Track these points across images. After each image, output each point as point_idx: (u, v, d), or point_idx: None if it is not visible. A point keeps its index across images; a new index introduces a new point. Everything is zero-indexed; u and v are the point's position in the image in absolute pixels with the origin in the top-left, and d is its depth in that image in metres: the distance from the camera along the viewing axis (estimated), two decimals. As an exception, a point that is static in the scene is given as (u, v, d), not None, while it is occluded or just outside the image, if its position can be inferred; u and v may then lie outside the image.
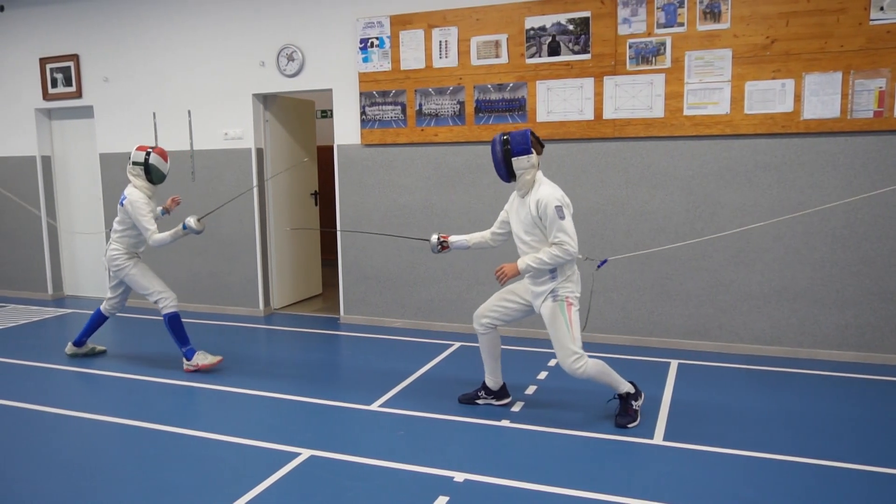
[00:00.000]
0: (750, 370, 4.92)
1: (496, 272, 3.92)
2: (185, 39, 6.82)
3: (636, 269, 5.51)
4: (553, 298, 3.86)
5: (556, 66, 5.51)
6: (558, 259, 3.71)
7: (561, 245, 3.70)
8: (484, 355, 4.22)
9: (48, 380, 5.01)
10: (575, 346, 3.82)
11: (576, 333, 3.84)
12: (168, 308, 5.08)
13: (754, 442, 3.68)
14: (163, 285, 5.14)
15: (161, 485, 3.31)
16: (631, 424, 3.90)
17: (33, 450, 3.76)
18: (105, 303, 5.38)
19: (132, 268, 5.13)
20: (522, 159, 3.77)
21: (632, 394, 3.96)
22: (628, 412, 3.94)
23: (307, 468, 3.45)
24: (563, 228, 3.69)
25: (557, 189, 3.81)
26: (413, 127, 5.99)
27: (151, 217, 4.97)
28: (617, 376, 3.95)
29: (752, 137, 5.11)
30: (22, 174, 7.73)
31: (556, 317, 3.84)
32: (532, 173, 3.80)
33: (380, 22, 5.98)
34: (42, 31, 7.41)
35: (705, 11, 5.07)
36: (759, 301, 5.23)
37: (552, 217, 3.69)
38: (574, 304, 3.86)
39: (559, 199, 3.73)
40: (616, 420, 3.93)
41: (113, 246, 5.15)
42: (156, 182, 5.10)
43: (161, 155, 5.08)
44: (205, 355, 5.11)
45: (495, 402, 4.27)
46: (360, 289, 6.43)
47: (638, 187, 5.44)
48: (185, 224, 4.92)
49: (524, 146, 3.77)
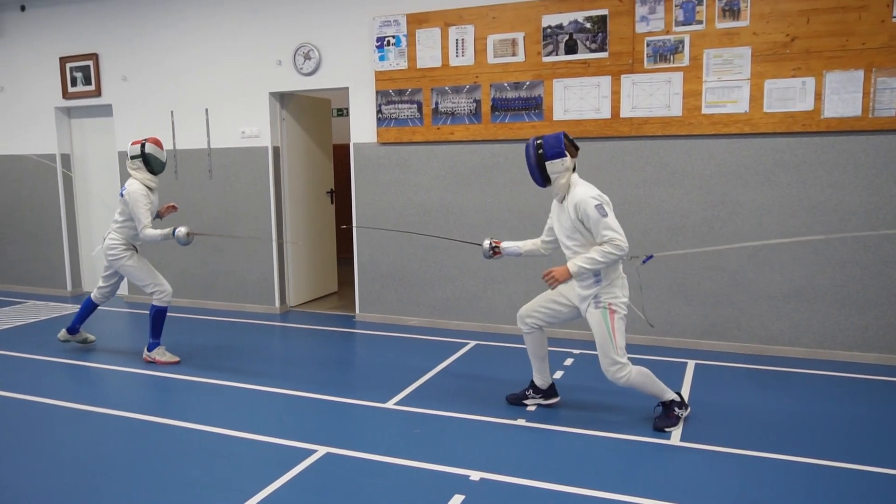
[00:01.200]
0: (768, 371, 4.88)
1: (545, 276, 3.75)
2: (202, 38, 6.86)
3: (653, 268, 5.46)
4: (596, 304, 3.76)
5: (573, 65, 5.48)
6: (611, 256, 3.57)
7: (611, 241, 3.57)
8: (531, 355, 4.15)
9: (66, 375, 5.06)
10: (617, 355, 3.73)
11: (619, 342, 3.73)
12: (161, 302, 5.19)
13: (772, 444, 3.64)
14: (160, 279, 5.23)
15: (178, 480, 3.34)
16: (669, 428, 3.82)
17: (49, 444, 3.80)
18: (96, 290, 5.45)
19: (129, 259, 5.19)
20: (556, 163, 3.70)
21: (676, 402, 3.89)
22: (670, 416, 3.86)
23: (323, 465, 3.46)
24: (609, 225, 3.58)
25: (593, 188, 3.73)
26: (429, 125, 5.99)
27: (148, 211, 5.02)
28: (661, 385, 3.86)
29: (772, 136, 5.06)
30: (42, 171, 7.81)
31: (599, 324, 3.74)
32: (567, 177, 3.72)
33: (396, 20, 5.98)
34: (62, 30, 7.48)
35: (724, 9, 5.03)
36: (778, 301, 5.18)
37: (595, 217, 3.59)
38: (618, 312, 3.74)
39: (597, 198, 3.64)
40: (655, 422, 3.86)
41: (112, 236, 5.21)
42: (156, 171, 5.15)
43: (156, 144, 5.14)
44: (163, 352, 5.26)
45: (544, 401, 4.21)
46: (376, 287, 6.44)
47: (655, 186, 5.40)
48: (174, 230, 4.99)
49: (558, 149, 3.69)
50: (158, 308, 5.20)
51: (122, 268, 5.22)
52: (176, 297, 7.31)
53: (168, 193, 7.18)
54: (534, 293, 5.83)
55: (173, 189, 7.16)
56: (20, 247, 8.15)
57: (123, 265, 5.20)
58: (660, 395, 3.87)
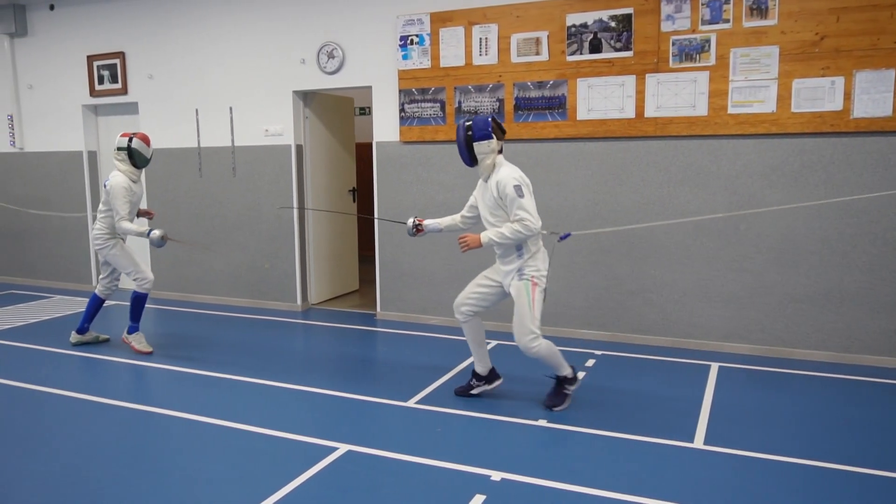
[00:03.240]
0: (793, 374, 4.81)
1: (459, 240, 4.03)
2: (226, 37, 6.91)
3: (676, 269, 5.42)
4: (519, 277, 3.99)
5: (598, 64, 5.45)
6: (519, 234, 3.83)
7: (522, 221, 3.82)
8: (469, 343, 4.33)
9: (90, 369, 5.13)
10: (533, 325, 3.95)
11: (536, 314, 3.96)
12: (142, 288, 5.38)
13: (797, 448, 3.59)
14: (141, 266, 5.43)
15: (201, 475, 3.37)
16: (558, 408, 4.08)
17: (76, 438, 3.86)
18: (99, 285, 5.62)
19: (112, 248, 5.39)
20: (483, 144, 3.92)
21: (569, 378, 4.12)
22: (559, 394, 4.12)
23: (344, 463, 3.47)
24: (523, 206, 3.82)
25: (516, 170, 3.95)
26: (452, 124, 5.98)
27: (127, 203, 5.20)
28: (562, 359, 4.10)
29: (799, 136, 4.99)
30: (69, 169, 7.93)
31: (520, 296, 3.98)
32: (492, 158, 3.95)
33: (420, 19, 5.98)
34: (90, 29, 7.58)
35: (752, 7, 4.96)
36: (803, 304, 5.11)
37: (511, 196, 3.83)
38: (539, 284, 3.99)
39: (517, 179, 3.86)
40: (546, 400, 4.12)
41: (97, 226, 5.41)
42: (139, 166, 5.32)
43: (143, 140, 5.31)
44: (140, 340, 5.46)
45: (488, 386, 4.37)
46: (397, 285, 6.45)
47: (680, 187, 5.35)
48: (150, 231, 5.15)
49: (485, 131, 3.92)
50: (139, 294, 5.41)
51: (107, 256, 5.44)
52: (199, 293, 7.41)
53: (192, 191, 7.27)
54: (554, 292, 5.81)
55: (197, 186, 7.23)
56: (47, 242, 8.28)
57: (108, 253, 5.42)
58: (558, 370, 4.11)
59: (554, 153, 5.71)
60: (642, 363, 5.13)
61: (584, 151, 5.61)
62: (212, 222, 7.24)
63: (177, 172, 7.34)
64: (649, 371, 4.95)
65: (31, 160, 8.21)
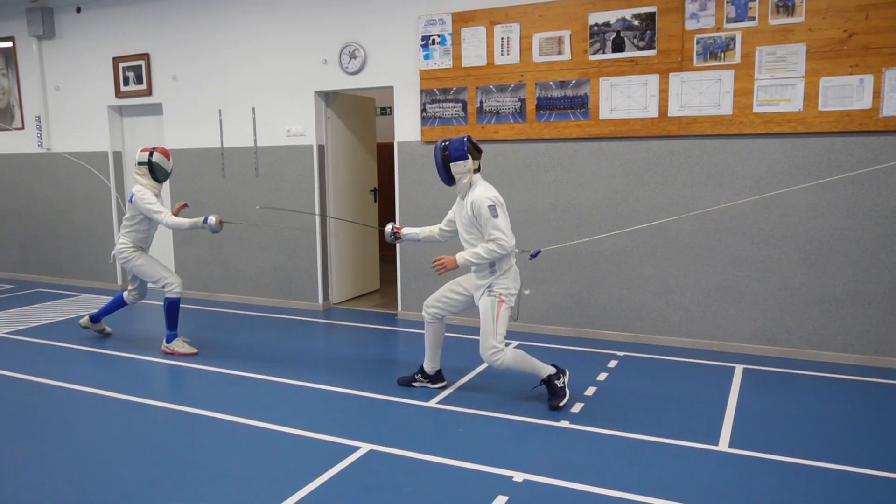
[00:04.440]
0: (820, 377, 4.74)
1: (434, 262, 4.17)
2: (249, 39, 6.97)
3: (700, 270, 5.37)
4: (489, 293, 4.11)
5: (621, 63, 5.41)
6: (494, 254, 3.96)
7: (496, 241, 3.95)
8: (427, 342, 4.47)
9: (116, 366, 5.19)
10: (496, 340, 4.06)
11: (500, 330, 4.08)
12: (172, 293, 5.41)
13: (824, 452, 3.54)
14: (169, 271, 5.50)
15: (224, 472, 3.39)
16: (562, 403, 4.10)
17: (103, 433, 3.91)
18: (126, 293, 5.74)
19: (138, 259, 5.46)
20: (459, 164, 4.06)
21: (553, 374, 4.16)
22: (555, 391, 4.14)
23: (367, 462, 3.48)
24: (497, 226, 3.95)
25: (491, 189, 4.07)
26: (473, 124, 5.98)
27: (159, 203, 5.27)
28: (537, 362, 4.16)
29: (827, 136, 4.92)
30: (95, 169, 8.03)
31: (486, 311, 4.09)
32: (468, 177, 4.09)
33: (442, 19, 5.98)
34: (115, 31, 7.68)
35: (778, 5, 4.90)
36: (830, 306, 5.03)
37: (486, 216, 3.96)
38: (505, 301, 4.10)
39: (492, 199, 3.99)
40: (549, 403, 4.13)
41: (121, 240, 5.48)
42: (160, 180, 5.40)
43: (164, 154, 5.39)
44: (182, 344, 5.47)
45: (430, 385, 4.55)
46: (418, 285, 6.45)
47: (704, 187, 5.29)
48: (206, 218, 5.15)
49: (461, 152, 4.05)
50: (171, 300, 5.43)
51: (133, 268, 5.48)
52: (222, 293, 7.48)
53: (216, 191, 7.33)
54: (569, 294, 5.78)
55: (220, 186, 7.29)
56: (73, 241, 8.40)
57: (134, 265, 5.47)
58: (538, 373, 4.16)
59: (576, 153, 5.68)
60: (665, 364, 5.08)
61: (606, 151, 5.58)
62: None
63: (200, 173, 7.41)
64: (672, 372, 4.91)
65: (57, 161, 8.33)
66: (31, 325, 6.42)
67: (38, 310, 7.07)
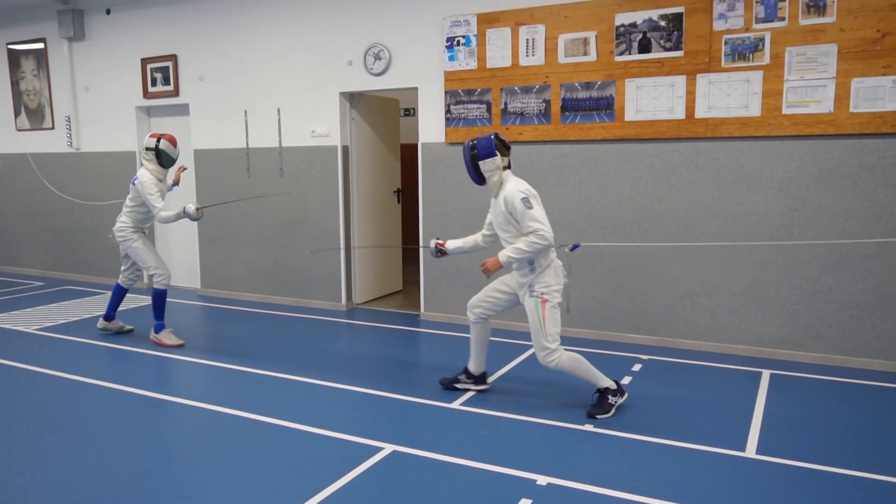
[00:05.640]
0: (850, 384, 4.66)
1: (482, 267, 4.12)
2: (275, 40, 7.01)
3: (727, 273, 5.30)
4: (530, 293, 4.04)
5: (647, 64, 5.36)
6: (536, 245, 3.85)
7: (536, 232, 3.85)
8: (473, 343, 4.43)
9: (143, 364, 5.25)
10: (546, 341, 3.98)
11: (549, 329, 3.98)
12: (159, 284, 5.60)
13: (855, 461, 3.48)
14: (160, 262, 5.70)
15: (248, 471, 3.41)
16: (601, 416, 4.01)
17: (130, 431, 3.95)
18: (121, 276, 5.90)
19: (136, 241, 5.65)
20: (488, 162, 4.01)
21: (612, 389, 4.08)
22: (603, 404, 4.05)
23: (390, 463, 3.48)
24: (534, 217, 3.86)
25: (522, 183, 4.01)
26: (498, 126, 5.96)
27: (159, 196, 5.44)
28: (596, 372, 4.07)
29: (858, 137, 4.83)
30: (122, 169, 8.15)
31: (532, 313, 4.03)
32: (498, 174, 4.03)
33: (466, 20, 5.97)
34: (144, 32, 7.78)
35: (808, 5, 4.82)
36: (861, 311, 4.94)
37: (521, 209, 3.88)
38: (549, 300, 4.00)
39: (524, 192, 3.92)
40: (589, 409, 4.05)
41: (122, 219, 5.65)
42: (166, 165, 5.58)
43: (171, 141, 5.57)
44: (169, 335, 5.64)
45: (474, 386, 4.49)
46: (441, 286, 6.45)
47: (731, 189, 5.23)
48: (185, 208, 5.37)
49: (489, 150, 4.00)
50: (158, 291, 5.60)
51: (129, 248, 5.67)
52: (246, 292, 7.53)
53: (241, 191, 7.38)
54: (592, 297, 5.74)
55: (246, 186, 7.35)
56: (101, 240, 8.49)
57: (130, 246, 5.67)
58: (595, 382, 4.08)
59: (601, 154, 5.64)
60: (691, 369, 5.03)
61: (632, 153, 5.53)
62: (259, 221, 7.35)
63: (226, 173, 7.48)
64: (698, 377, 4.85)
65: (86, 160, 8.46)
66: (60, 321, 6.53)
67: (66, 307, 7.18)
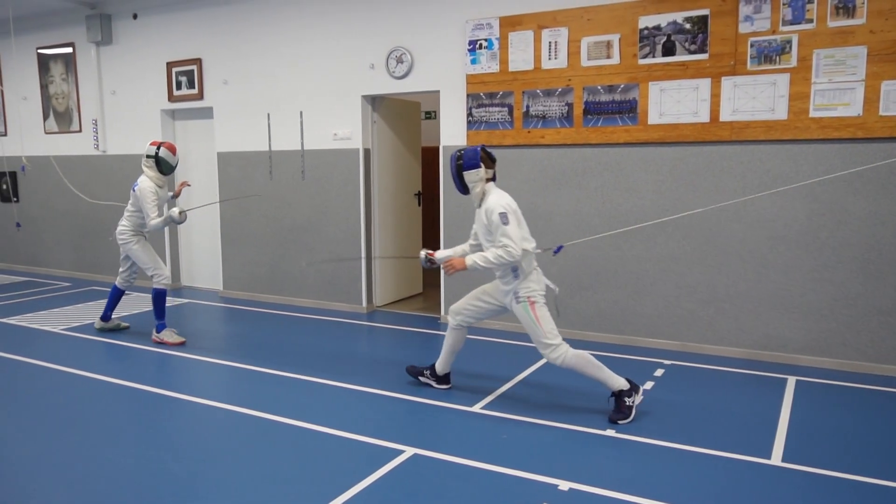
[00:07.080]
0: (878, 391, 4.57)
1: (445, 265, 4.21)
2: (298, 43, 7.06)
3: (751, 278, 5.24)
4: (516, 300, 4.13)
5: (671, 67, 5.32)
6: (501, 259, 3.95)
7: (504, 247, 3.94)
8: (445, 346, 4.55)
9: (167, 364, 5.30)
10: (547, 338, 4.05)
11: (545, 327, 4.05)
12: (159, 284, 5.81)
13: (882, 470, 3.41)
14: (160, 263, 5.89)
15: (269, 472, 3.43)
16: (623, 421, 3.99)
17: (151, 430, 3.99)
18: (118, 277, 6.11)
19: (135, 244, 5.85)
20: (472, 173, 4.12)
21: (625, 390, 4.05)
22: (622, 408, 4.03)
23: (411, 466, 3.48)
24: (506, 233, 3.95)
25: (504, 197, 4.10)
26: (520, 129, 5.95)
27: (155, 206, 5.64)
28: (607, 372, 4.06)
29: (888, 141, 4.75)
30: (148, 171, 8.24)
31: (524, 317, 4.11)
32: (481, 185, 4.13)
33: (489, 23, 5.97)
34: (169, 36, 7.88)
35: (837, 6, 4.76)
36: (890, 317, 4.85)
37: (496, 223, 3.99)
38: (537, 301, 4.08)
39: (503, 206, 4.01)
40: (610, 416, 4.04)
41: (122, 223, 5.91)
42: (165, 172, 5.78)
43: (170, 149, 5.78)
44: (171, 334, 5.78)
45: (436, 384, 4.65)
46: (461, 289, 6.42)
47: (756, 193, 5.16)
48: (170, 214, 5.55)
49: (474, 161, 4.12)
50: (158, 290, 5.81)
51: (129, 251, 5.85)
52: (267, 293, 7.58)
53: (263, 193, 7.44)
54: (613, 301, 5.70)
55: (268, 189, 7.40)
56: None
57: (130, 248, 5.87)
58: (606, 382, 4.07)
59: (624, 158, 5.60)
60: (713, 374, 4.97)
61: (655, 156, 5.49)
62: (281, 224, 7.40)
63: (249, 175, 7.54)
64: (721, 383, 4.79)
65: (112, 163, 8.57)
66: (86, 322, 6.61)
67: (92, 307, 7.27)
